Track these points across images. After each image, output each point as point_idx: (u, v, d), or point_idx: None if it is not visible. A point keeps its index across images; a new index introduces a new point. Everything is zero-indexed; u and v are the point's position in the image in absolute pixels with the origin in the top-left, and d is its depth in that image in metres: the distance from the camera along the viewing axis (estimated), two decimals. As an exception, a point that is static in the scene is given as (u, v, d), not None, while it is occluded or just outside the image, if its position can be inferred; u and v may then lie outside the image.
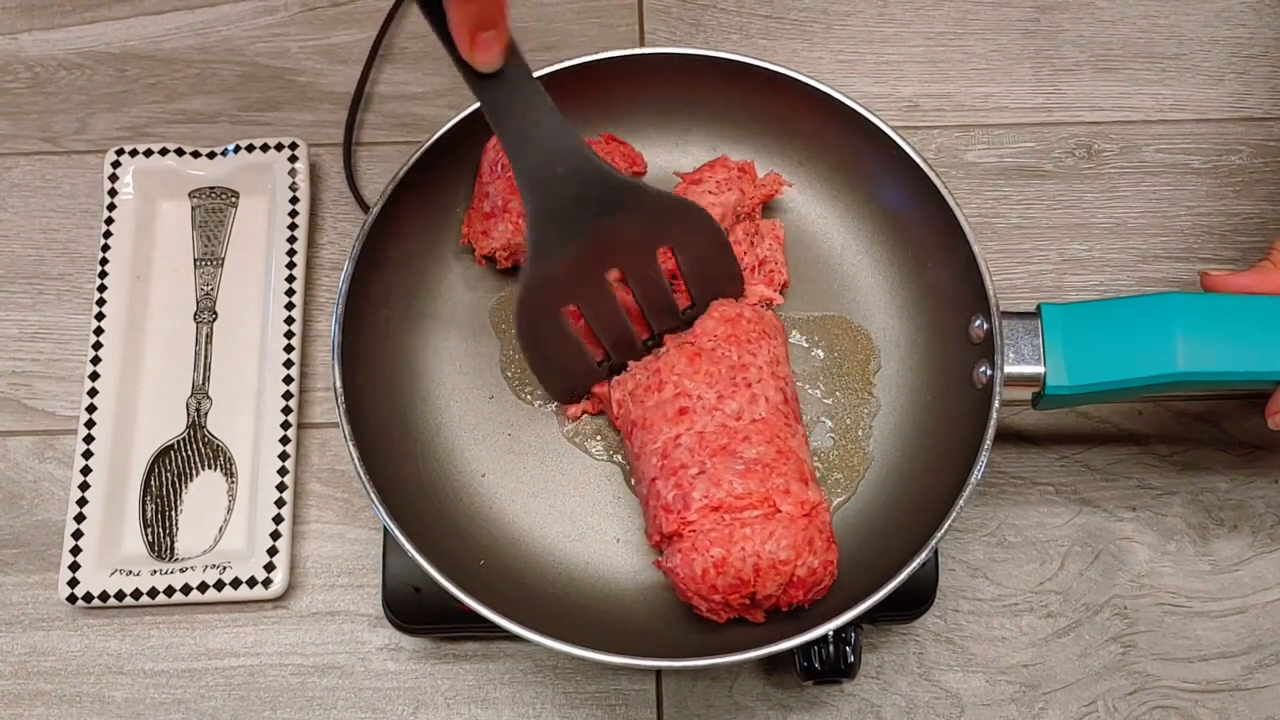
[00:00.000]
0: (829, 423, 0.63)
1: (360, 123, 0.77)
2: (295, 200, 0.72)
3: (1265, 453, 0.68)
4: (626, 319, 0.60)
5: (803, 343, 0.65)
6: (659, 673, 0.64)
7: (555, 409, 0.63)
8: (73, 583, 0.64)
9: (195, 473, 0.67)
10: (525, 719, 0.63)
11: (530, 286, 0.56)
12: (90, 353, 0.69)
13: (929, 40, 0.79)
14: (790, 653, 0.57)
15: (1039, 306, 0.58)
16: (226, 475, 0.67)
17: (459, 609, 0.53)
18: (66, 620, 0.65)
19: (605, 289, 0.59)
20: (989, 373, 0.57)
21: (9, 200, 0.75)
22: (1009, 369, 0.57)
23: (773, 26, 0.80)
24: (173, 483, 0.67)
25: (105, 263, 0.71)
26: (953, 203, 0.60)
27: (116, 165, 0.73)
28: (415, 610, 0.61)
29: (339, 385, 0.57)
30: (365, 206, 0.73)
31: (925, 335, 0.64)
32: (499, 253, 0.64)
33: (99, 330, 0.69)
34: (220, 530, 0.66)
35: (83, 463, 0.66)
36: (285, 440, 0.66)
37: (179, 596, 0.64)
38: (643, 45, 0.79)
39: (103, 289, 0.70)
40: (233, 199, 0.74)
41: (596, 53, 0.64)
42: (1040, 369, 0.57)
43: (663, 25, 0.80)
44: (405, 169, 0.62)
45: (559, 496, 0.62)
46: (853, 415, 0.63)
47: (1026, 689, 0.64)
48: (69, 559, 0.64)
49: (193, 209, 0.74)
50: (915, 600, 0.61)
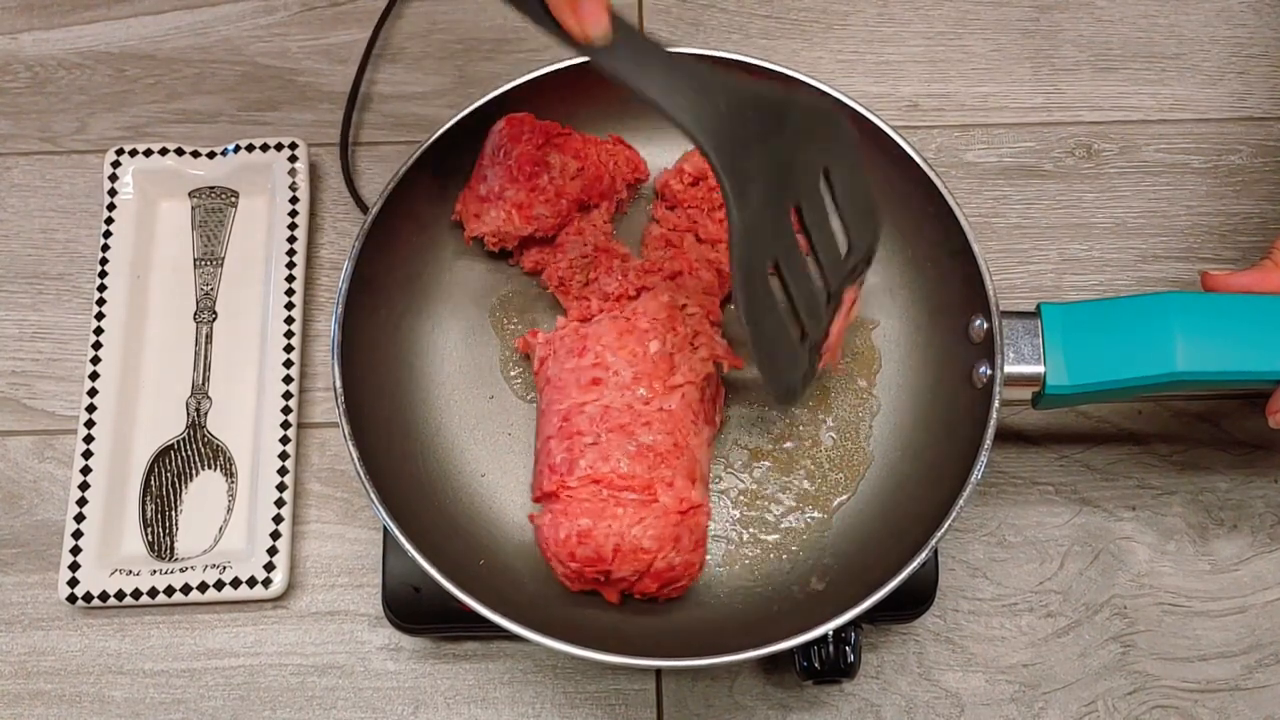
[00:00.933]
0: (829, 422, 0.63)
1: (359, 123, 0.77)
2: (295, 200, 0.72)
3: (1265, 453, 0.68)
4: (814, 277, 0.56)
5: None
6: (659, 672, 0.64)
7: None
8: (73, 583, 0.64)
9: (195, 473, 0.67)
10: (525, 719, 0.64)
11: (742, 243, 0.51)
12: (90, 352, 0.69)
13: (929, 40, 0.79)
14: (790, 652, 0.57)
15: (1039, 306, 0.58)
16: (226, 475, 0.67)
17: (459, 609, 0.53)
18: (66, 620, 0.65)
19: (793, 234, 0.54)
20: (989, 372, 0.57)
21: (9, 200, 0.75)
22: (1009, 369, 0.57)
23: (773, 26, 0.80)
24: (173, 483, 0.67)
25: (105, 263, 0.71)
26: (953, 203, 0.60)
27: (116, 165, 0.73)
28: (415, 610, 0.61)
29: (339, 385, 0.57)
30: (364, 206, 0.73)
31: (925, 335, 0.64)
32: (488, 236, 0.64)
33: (99, 330, 0.69)
34: (220, 530, 0.66)
35: (83, 462, 0.66)
36: (285, 440, 0.66)
37: (179, 596, 0.64)
38: (643, 45, 0.79)
39: (103, 289, 0.70)
40: (233, 199, 0.74)
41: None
42: (1040, 369, 0.57)
43: (663, 25, 0.80)
44: (405, 169, 0.62)
45: (559, 496, 0.62)
46: (853, 415, 0.63)
47: (1026, 689, 0.64)
48: (69, 559, 0.64)
49: (193, 209, 0.74)
50: (915, 600, 0.61)
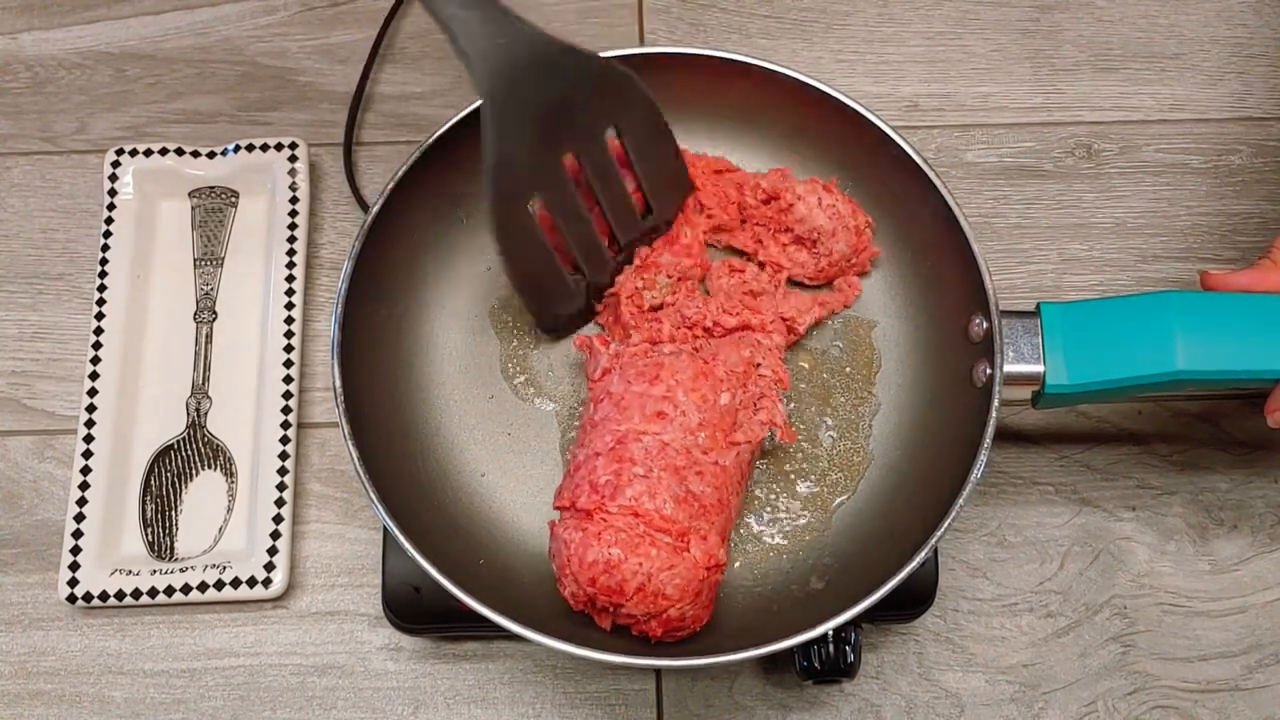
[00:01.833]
0: (829, 421, 0.63)
1: (360, 122, 0.77)
2: (295, 200, 0.72)
3: (1265, 453, 0.68)
4: (593, 222, 0.61)
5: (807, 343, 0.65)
6: (659, 672, 0.64)
7: (556, 408, 0.63)
8: (73, 583, 0.64)
9: (195, 472, 0.67)
10: (525, 719, 0.63)
11: (495, 171, 0.55)
12: (90, 352, 0.69)
13: (929, 40, 0.79)
14: (790, 652, 0.57)
15: (1038, 305, 0.58)
16: (226, 475, 0.67)
17: (459, 609, 0.53)
18: (66, 620, 0.65)
19: (565, 178, 0.59)
20: (989, 372, 0.57)
21: (9, 200, 0.75)
22: (1009, 368, 0.57)
23: (773, 26, 0.80)
24: (173, 483, 0.67)
25: (105, 263, 0.71)
26: (953, 203, 0.60)
27: (116, 165, 0.73)
28: (415, 610, 0.61)
29: (339, 385, 0.57)
30: (365, 206, 0.73)
31: (925, 335, 0.64)
32: None
33: (99, 330, 0.69)
34: (220, 530, 0.66)
35: (83, 462, 0.66)
36: (285, 440, 0.66)
37: (179, 596, 0.64)
38: (643, 45, 0.79)
39: (103, 289, 0.70)
40: (233, 199, 0.74)
41: (597, 52, 0.64)
42: (1040, 368, 0.57)
43: (663, 25, 0.80)
44: (405, 169, 0.62)
45: (559, 496, 0.62)
46: (853, 414, 0.63)
47: (1026, 689, 0.64)
48: (69, 559, 0.64)
49: (193, 209, 0.74)
50: (915, 600, 0.61)
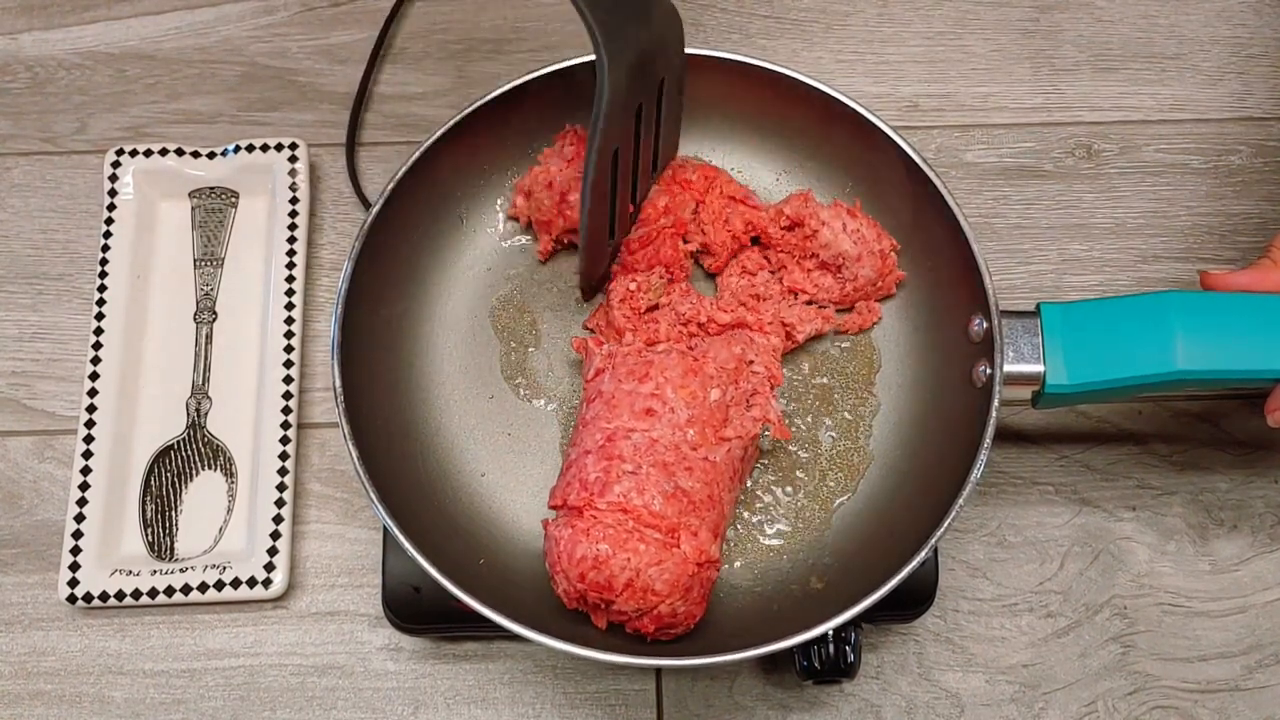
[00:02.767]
0: (829, 422, 0.63)
1: (360, 122, 0.77)
2: (295, 200, 0.72)
3: (1265, 453, 0.68)
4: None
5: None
6: (659, 672, 0.64)
7: (555, 408, 0.63)
8: (73, 583, 0.64)
9: (195, 473, 0.67)
10: (525, 719, 0.64)
11: (605, 121, 0.54)
12: (90, 353, 0.69)
13: (929, 40, 0.79)
14: (790, 652, 0.57)
15: (1038, 306, 0.58)
16: (226, 475, 0.67)
17: (459, 609, 0.53)
18: (66, 620, 0.65)
19: (632, 132, 0.58)
20: (989, 372, 0.57)
21: (9, 200, 0.75)
22: (1009, 368, 0.57)
23: (773, 26, 0.80)
24: (173, 483, 0.67)
25: (105, 263, 0.71)
26: (953, 203, 0.60)
27: (116, 165, 0.73)
28: (415, 610, 0.61)
29: (339, 385, 0.57)
30: (367, 205, 0.73)
31: (925, 335, 0.64)
32: (561, 233, 0.65)
33: (99, 330, 0.69)
34: (220, 530, 0.66)
35: (83, 463, 0.66)
36: (285, 440, 0.66)
37: (179, 596, 0.64)
38: (642, 45, 0.79)
39: (103, 289, 0.70)
40: (233, 199, 0.74)
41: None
42: (1040, 368, 0.57)
43: (662, 25, 0.80)
44: (405, 169, 0.62)
45: (559, 496, 0.62)
46: (853, 415, 0.63)
47: (1026, 689, 0.64)
48: (69, 559, 0.64)
49: (193, 209, 0.74)
50: (915, 600, 0.61)
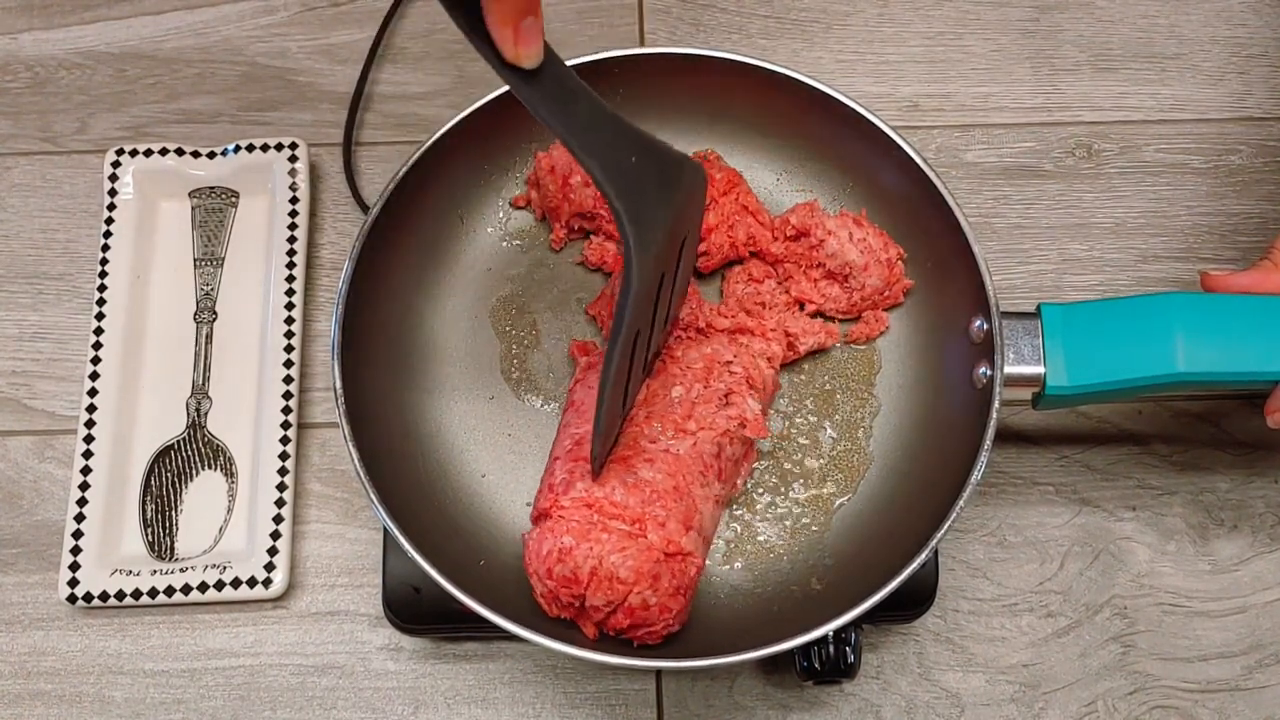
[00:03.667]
0: (829, 423, 0.63)
1: (360, 122, 0.77)
2: (295, 200, 0.72)
3: (1265, 453, 0.68)
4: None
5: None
6: (659, 672, 0.64)
7: (555, 409, 0.63)
8: (73, 583, 0.64)
9: (195, 473, 0.67)
10: (525, 719, 0.64)
11: (635, 306, 0.51)
12: (90, 353, 0.69)
13: (929, 40, 0.79)
14: (790, 653, 0.57)
15: (1039, 307, 0.58)
16: (226, 475, 0.67)
17: (459, 609, 0.53)
18: (66, 620, 0.65)
19: (655, 307, 0.55)
20: (989, 373, 0.57)
21: (9, 200, 0.75)
22: (1009, 369, 0.57)
23: (773, 26, 0.80)
24: (173, 483, 0.67)
25: (105, 263, 0.71)
26: (953, 203, 0.60)
27: (116, 165, 0.73)
28: (415, 610, 0.61)
29: (339, 386, 0.57)
30: (365, 206, 0.73)
31: (925, 335, 0.64)
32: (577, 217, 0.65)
33: (99, 330, 0.69)
34: (220, 530, 0.66)
35: (83, 463, 0.66)
36: (285, 440, 0.66)
37: (179, 596, 0.64)
38: (643, 45, 0.79)
39: (103, 289, 0.70)
40: (233, 199, 0.74)
41: (596, 53, 0.64)
42: (1040, 369, 0.57)
43: (663, 25, 0.80)
44: (405, 169, 0.62)
45: (559, 496, 0.62)
46: (853, 416, 0.63)
47: (1026, 689, 0.64)
48: (69, 559, 0.64)
49: (193, 209, 0.74)
50: (915, 600, 0.61)
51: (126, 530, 0.66)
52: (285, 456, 0.66)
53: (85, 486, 0.66)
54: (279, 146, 0.73)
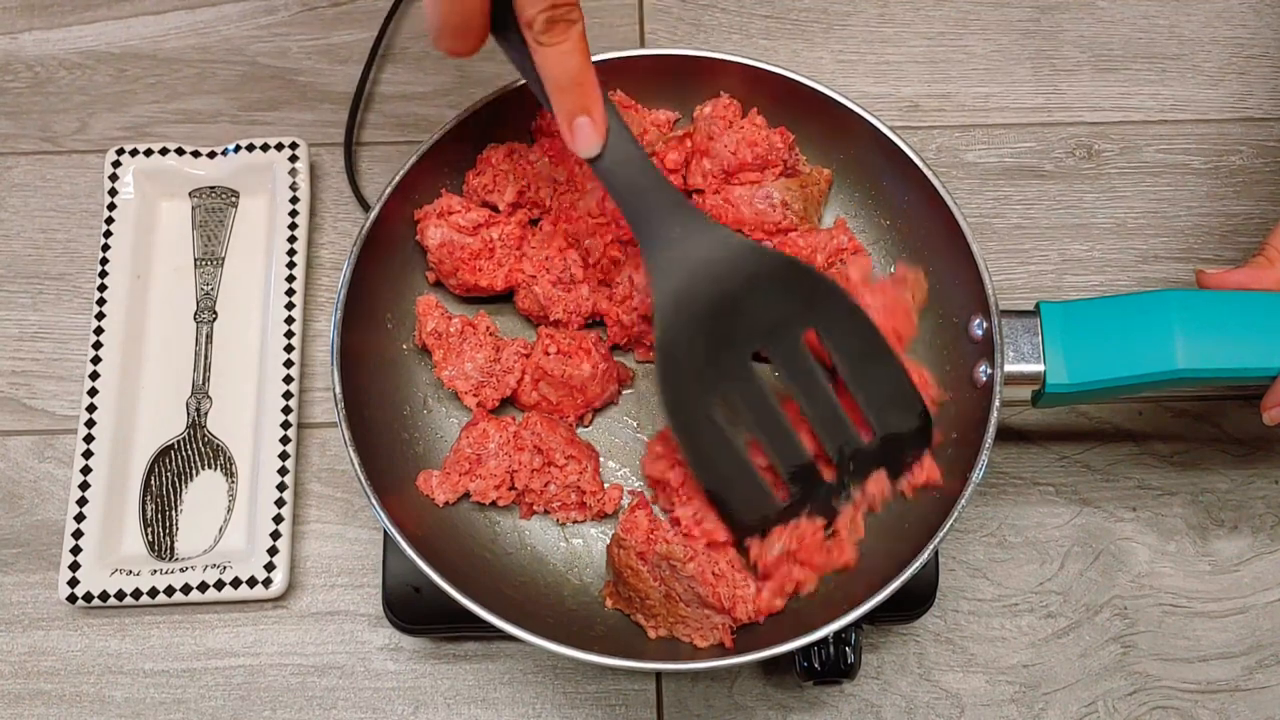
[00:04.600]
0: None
1: (361, 122, 0.77)
2: (295, 200, 0.72)
3: (1265, 453, 0.68)
4: (792, 427, 0.55)
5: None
6: (659, 673, 0.64)
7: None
8: (73, 582, 0.64)
9: (195, 472, 0.67)
10: (525, 719, 0.63)
11: (664, 369, 0.51)
12: (90, 352, 0.69)
13: (929, 40, 0.79)
14: (790, 653, 0.57)
15: (1038, 305, 0.58)
16: (226, 475, 0.67)
17: (459, 609, 0.53)
18: (66, 620, 0.65)
19: (751, 376, 0.54)
20: (989, 372, 0.57)
21: (9, 200, 0.75)
22: (1009, 367, 0.57)
23: (773, 26, 0.80)
24: (173, 483, 0.67)
25: (105, 263, 0.71)
26: (952, 203, 0.60)
27: (117, 165, 0.73)
28: (415, 610, 0.61)
29: (338, 389, 0.57)
30: (366, 206, 0.73)
31: (925, 335, 0.64)
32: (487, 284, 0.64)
33: (99, 330, 0.69)
34: (220, 530, 0.66)
35: (83, 462, 0.66)
36: (285, 440, 0.66)
37: (179, 596, 0.63)
38: (643, 45, 0.79)
39: (103, 289, 0.70)
40: (233, 199, 0.74)
41: (596, 53, 0.64)
42: (1040, 367, 0.57)
43: (663, 25, 0.80)
44: (405, 169, 0.62)
45: (559, 496, 0.62)
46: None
47: (1026, 689, 0.64)
48: (69, 559, 0.64)
49: (193, 209, 0.74)
50: (915, 600, 0.61)
51: (126, 530, 0.66)
52: (285, 456, 0.66)
53: (85, 486, 0.65)
54: (279, 146, 0.73)
